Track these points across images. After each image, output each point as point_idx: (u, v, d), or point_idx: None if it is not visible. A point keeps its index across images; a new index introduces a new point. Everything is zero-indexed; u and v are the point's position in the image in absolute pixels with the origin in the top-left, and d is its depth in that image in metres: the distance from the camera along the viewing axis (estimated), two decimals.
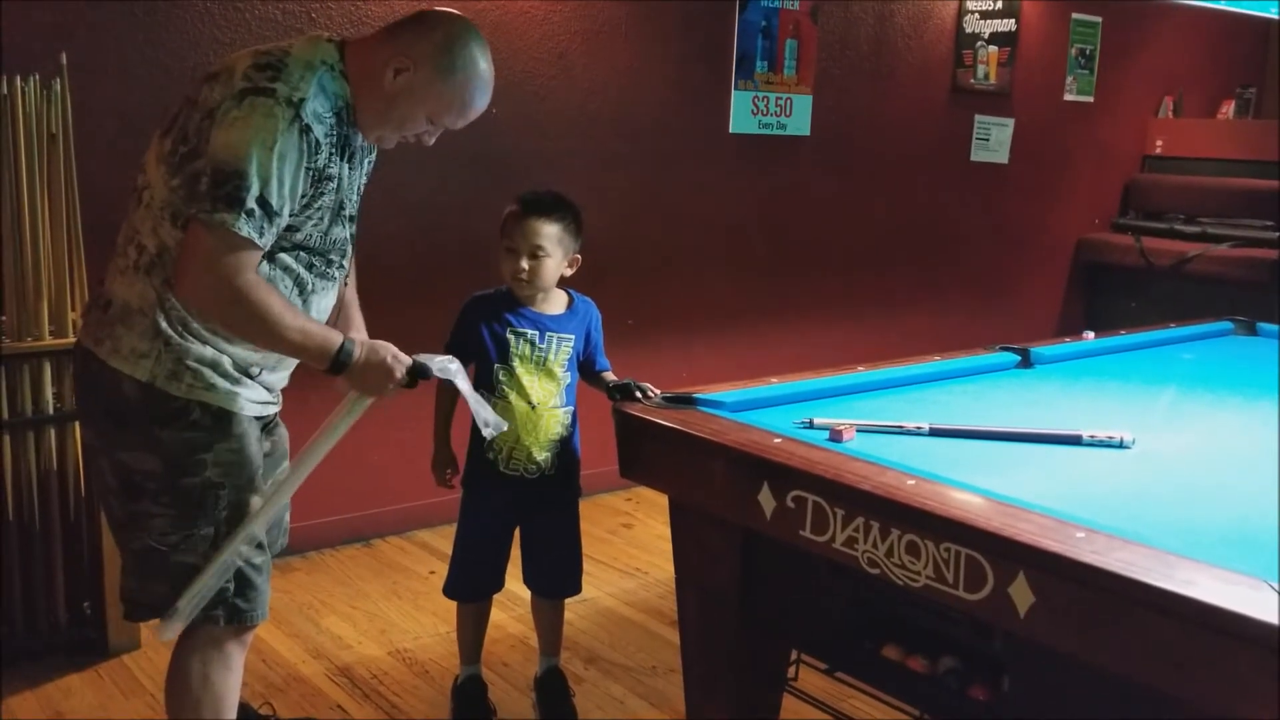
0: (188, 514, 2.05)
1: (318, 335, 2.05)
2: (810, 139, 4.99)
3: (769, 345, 4.96)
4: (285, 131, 1.92)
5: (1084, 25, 6.01)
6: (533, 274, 2.56)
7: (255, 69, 1.97)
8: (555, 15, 4.17)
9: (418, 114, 2.10)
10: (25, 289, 2.89)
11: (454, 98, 2.09)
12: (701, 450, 2.10)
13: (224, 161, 1.90)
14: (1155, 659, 1.47)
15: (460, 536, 2.76)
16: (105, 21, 3.30)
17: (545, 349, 2.60)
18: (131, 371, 2.01)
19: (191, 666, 2.15)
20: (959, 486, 1.82)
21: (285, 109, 1.93)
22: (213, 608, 2.10)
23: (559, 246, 2.57)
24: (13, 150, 2.83)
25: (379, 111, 2.09)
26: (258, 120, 1.91)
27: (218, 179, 1.90)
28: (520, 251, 2.55)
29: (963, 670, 1.87)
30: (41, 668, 3.02)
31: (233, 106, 1.93)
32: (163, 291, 2.01)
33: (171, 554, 2.07)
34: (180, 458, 2.03)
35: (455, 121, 2.14)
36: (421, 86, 2.06)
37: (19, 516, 2.96)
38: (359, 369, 2.08)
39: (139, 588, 2.13)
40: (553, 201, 2.59)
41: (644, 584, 3.73)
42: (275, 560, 3.80)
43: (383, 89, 2.06)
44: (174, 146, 1.99)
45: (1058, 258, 6.32)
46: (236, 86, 1.95)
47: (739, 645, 2.23)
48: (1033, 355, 2.91)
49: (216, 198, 1.89)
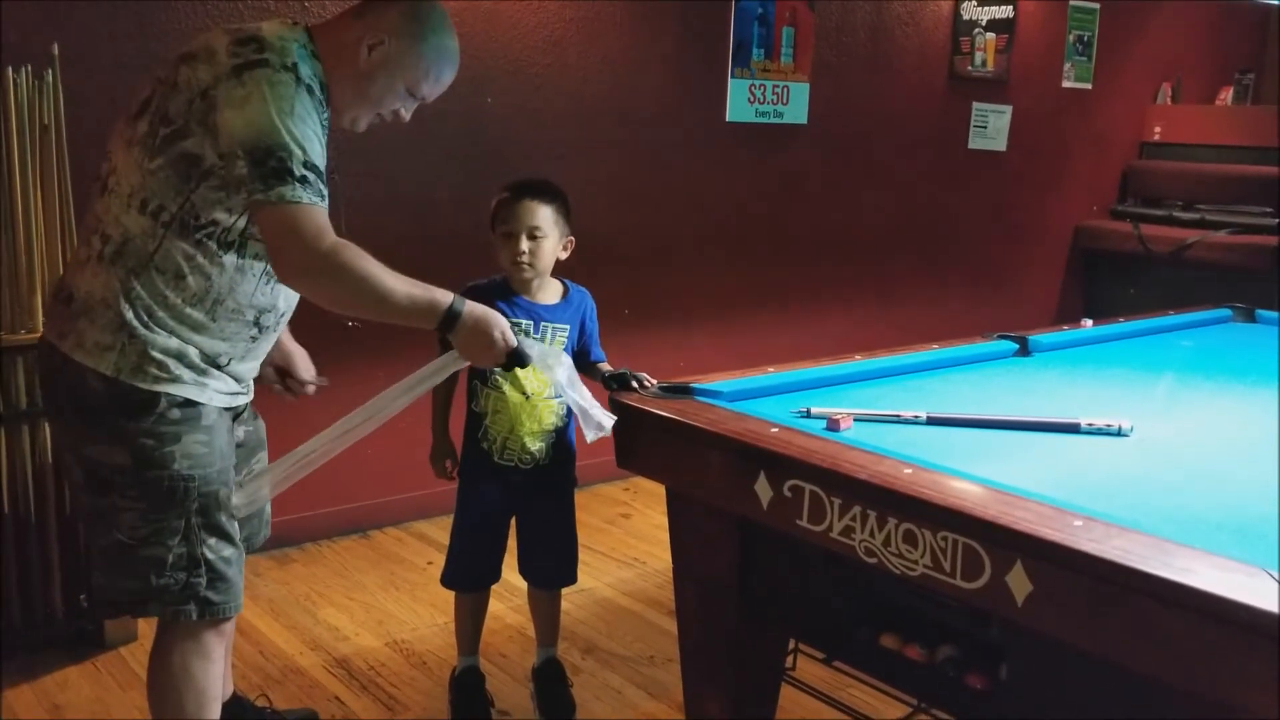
0: (157, 507, 2.02)
1: (424, 291, 2.06)
2: (807, 127, 4.97)
3: (766, 334, 4.95)
4: (296, 95, 1.94)
5: (1082, 12, 5.99)
6: (533, 255, 2.55)
7: (238, 44, 1.97)
8: (549, 2, 4.15)
9: (396, 85, 2.12)
10: (19, 281, 2.87)
11: (429, 63, 2.13)
12: (698, 440, 2.09)
13: (254, 139, 1.90)
14: (1153, 647, 1.47)
15: (457, 527, 2.76)
16: (97, 11, 3.28)
17: (540, 339, 2.58)
18: (96, 365, 1.99)
19: (171, 660, 2.14)
20: (956, 475, 1.81)
21: (286, 74, 1.95)
22: (183, 603, 2.07)
23: (555, 228, 2.57)
24: (5, 142, 2.81)
25: (357, 90, 2.10)
26: (267, 90, 1.91)
27: (256, 157, 1.89)
28: (518, 234, 2.54)
29: (960, 658, 1.87)
30: (39, 660, 3.02)
31: (235, 85, 1.92)
32: (127, 282, 1.99)
33: (140, 548, 2.04)
34: (148, 451, 2.00)
35: (431, 89, 2.17)
36: (396, 56, 2.09)
37: (15, 509, 2.95)
38: (467, 329, 2.10)
39: (107, 584, 2.11)
40: (543, 185, 2.60)
41: (642, 574, 3.73)
42: (272, 552, 3.82)
43: (358, 66, 2.08)
44: (151, 128, 1.98)
45: (1056, 245, 6.30)
46: (227, 64, 1.94)
47: (737, 635, 2.23)
48: (1031, 343, 2.90)
49: (265, 176, 1.89)
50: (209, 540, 2.08)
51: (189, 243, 1.99)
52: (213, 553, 2.09)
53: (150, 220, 1.97)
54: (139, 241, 1.98)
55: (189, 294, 2.01)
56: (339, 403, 2.34)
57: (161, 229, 1.98)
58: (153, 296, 2.00)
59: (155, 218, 1.98)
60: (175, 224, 1.98)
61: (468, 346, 2.14)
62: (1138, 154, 6.49)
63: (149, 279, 1.99)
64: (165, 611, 2.09)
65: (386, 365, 3.91)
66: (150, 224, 1.98)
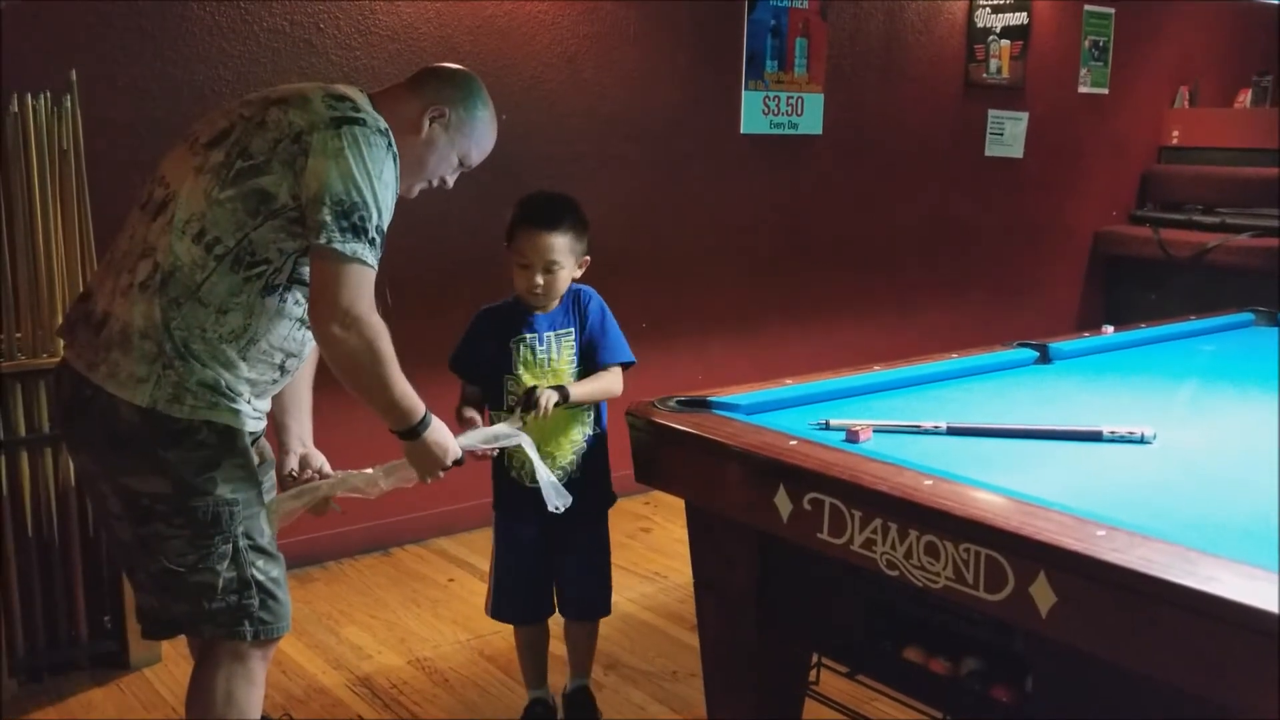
0: (203, 533, 2.03)
1: (410, 395, 2.12)
2: (823, 138, 4.97)
3: (784, 346, 4.94)
4: (385, 160, 2.03)
5: (1097, 17, 5.97)
6: (548, 288, 2.54)
7: (334, 99, 2.05)
8: (563, 19, 4.16)
9: (451, 156, 2.26)
10: (39, 305, 2.90)
11: (480, 135, 2.29)
12: (717, 454, 2.08)
13: (343, 192, 1.96)
14: (1178, 657, 1.45)
15: (498, 560, 2.71)
16: (114, 37, 3.31)
17: (545, 350, 2.58)
18: (130, 397, 1.98)
19: (216, 682, 2.14)
20: (978, 486, 1.80)
21: (380, 137, 2.03)
22: (237, 624, 2.09)
23: (570, 256, 2.55)
24: (24, 167, 2.84)
25: (417, 158, 2.22)
26: (364, 149, 1.99)
27: (342, 209, 1.95)
28: (535, 267, 2.52)
29: (985, 671, 1.85)
30: (63, 682, 3.04)
31: (332, 135, 1.98)
32: (169, 311, 1.99)
33: (190, 574, 2.05)
34: (190, 478, 2.01)
35: (478, 158, 2.33)
36: (454, 129, 2.23)
37: (38, 532, 2.97)
38: (425, 445, 2.18)
39: (160, 608, 2.13)
40: (558, 210, 2.54)
41: (663, 588, 3.72)
42: (295, 570, 3.82)
43: (419, 136, 2.19)
44: (228, 159, 2.01)
45: (1075, 251, 6.27)
46: (325, 115, 2.01)
47: (759, 649, 2.21)
48: (1051, 351, 2.88)
49: (345, 229, 1.95)
50: (257, 562, 2.09)
51: (237, 279, 2.01)
52: (262, 573, 2.10)
53: (203, 251, 1.99)
54: (187, 271, 1.99)
55: (226, 330, 2.02)
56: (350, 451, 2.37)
57: (214, 261, 2.00)
58: (191, 329, 2.01)
59: (209, 250, 1.99)
60: (229, 258, 2.00)
61: (424, 457, 2.21)
62: (1156, 158, 6.46)
63: (191, 310, 2.00)
64: (220, 632, 2.11)
65: None
66: (203, 255, 1.99)
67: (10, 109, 2.82)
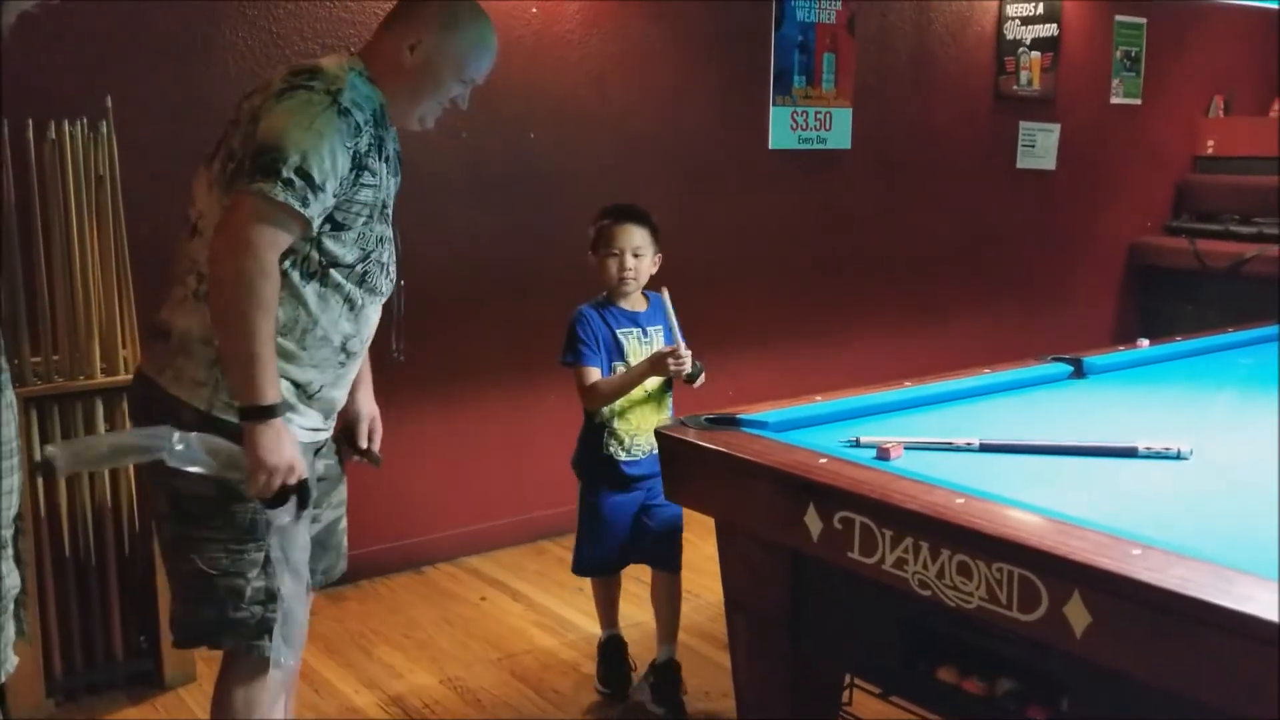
0: (239, 538, 2.08)
1: (271, 371, 1.98)
2: (852, 152, 4.95)
3: (814, 362, 4.91)
4: (323, 112, 2.02)
5: (1128, 27, 5.92)
6: (636, 271, 2.93)
7: (291, 74, 2.09)
8: (592, 38, 4.18)
9: (445, 76, 2.21)
10: (77, 328, 2.93)
11: (468, 49, 2.22)
12: (746, 472, 2.08)
13: (262, 141, 1.98)
14: (1216, 678, 1.43)
15: (584, 526, 3.02)
16: (146, 63, 3.36)
17: (649, 342, 2.96)
18: (190, 399, 2.06)
19: (234, 699, 2.17)
20: (1010, 504, 1.78)
21: (322, 95, 2.04)
22: (257, 637, 2.11)
23: (651, 247, 2.96)
24: (62, 193, 2.88)
25: (412, 89, 2.20)
26: (295, 104, 2.01)
27: (254, 156, 1.97)
28: (625, 252, 2.91)
29: (1020, 692, 1.83)
30: (98, 701, 3.06)
31: (272, 103, 2.03)
32: None
33: (220, 579, 2.09)
34: (233, 483, 2.05)
35: (479, 70, 2.25)
36: (438, 49, 2.18)
37: (74, 552, 3.00)
38: (267, 437, 1.97)
39: (184, 613, 2.16)
40: (639, 210, 2.98)
41: (695, 607, 3.70)
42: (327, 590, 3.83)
43: (405, 70, 2.17)
44: (223, 166, 2.06)
45: (1110, 263, 6.21)
46: (276, 88, 2.05)
47: (790, 669, 2.19)
48: (1085, 365, 2.85)
49: (254, 170, 1.96)
50: (286, 576, 2.11)
51: None
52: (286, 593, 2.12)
53: None
54: None
55: (279, 325, 2.04)
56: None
57: None
58: None
59: None
60: None
61: (261, 453, 1.97)
62: (1191, 168, 6.39)
63: None
64: (240, 644, 2.13)
65: (437, 398, 3.96)
66: None
67: (48, 136, 2.86)
